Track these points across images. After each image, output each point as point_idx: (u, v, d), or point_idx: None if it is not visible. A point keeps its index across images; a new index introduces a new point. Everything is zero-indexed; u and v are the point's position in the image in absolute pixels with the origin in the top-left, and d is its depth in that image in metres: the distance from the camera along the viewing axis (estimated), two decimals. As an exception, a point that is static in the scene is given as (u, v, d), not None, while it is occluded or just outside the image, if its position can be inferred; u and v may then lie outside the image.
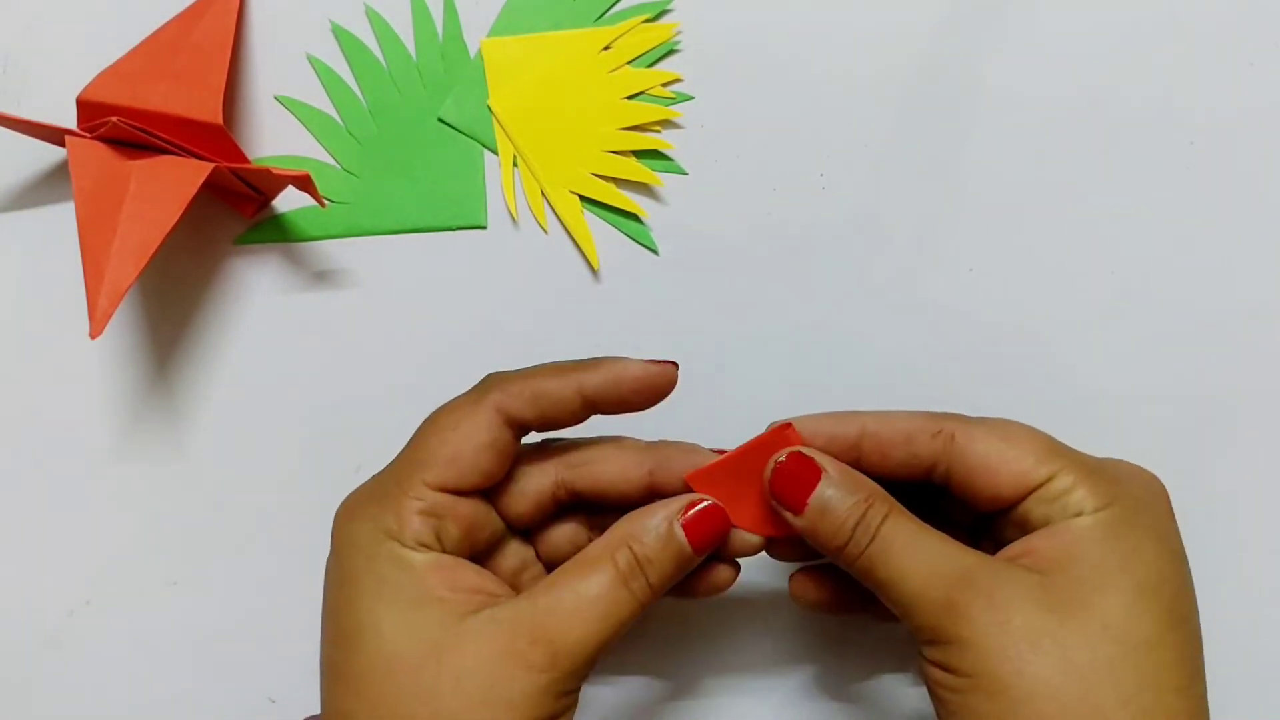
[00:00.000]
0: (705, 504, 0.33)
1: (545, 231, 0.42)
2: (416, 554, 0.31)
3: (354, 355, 0.42)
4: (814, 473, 0.32)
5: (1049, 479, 0.32)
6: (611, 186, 0.42)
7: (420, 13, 0.43)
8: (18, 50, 0.43)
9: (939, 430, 0.32)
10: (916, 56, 0.42)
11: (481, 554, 0.34)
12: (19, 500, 0.42)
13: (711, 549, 0.33)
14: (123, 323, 0.42)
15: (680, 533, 0.32)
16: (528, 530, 0.36)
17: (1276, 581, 0.40)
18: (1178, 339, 0.41)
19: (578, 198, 0.42)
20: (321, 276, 0.42)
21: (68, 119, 0.40)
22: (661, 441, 0.35)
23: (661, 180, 0.42)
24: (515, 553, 0.35)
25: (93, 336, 0.36)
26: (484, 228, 0.42)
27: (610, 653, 0.31)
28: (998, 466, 0.32)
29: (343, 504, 0.33)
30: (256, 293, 0.42)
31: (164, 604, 0.41)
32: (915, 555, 0.31)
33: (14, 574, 0.42)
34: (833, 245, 0.42)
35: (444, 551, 0.32)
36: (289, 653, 0.41)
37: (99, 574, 0.41)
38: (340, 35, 0.43)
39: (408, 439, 0.34)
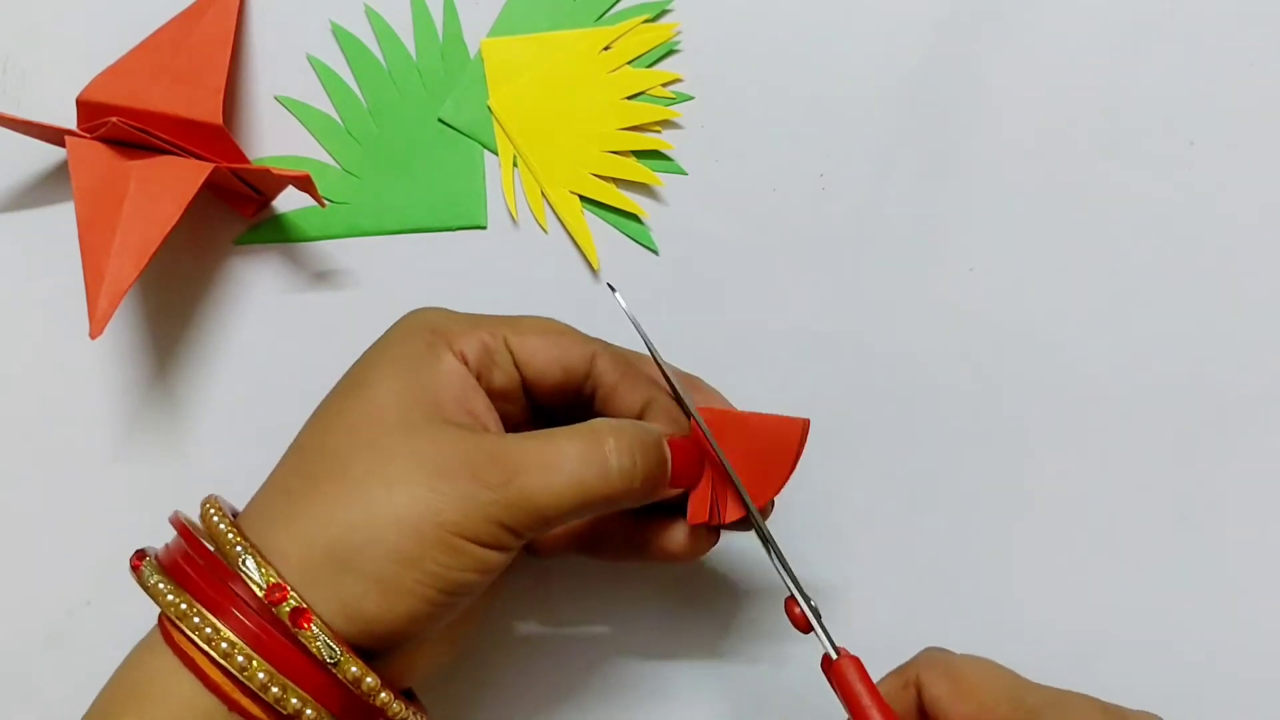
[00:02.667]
0: (692, 444, 0.34)
1: (545, 231, 0.42)
2: (451, 360, 0.33)
3: (354, 355, 0.42)
4: None
5: None
6: (611, 186, 0.42)
7: (420, 13, 0.43)
8: (18, 50, 0.43)
9: (906, 682, 0.33)
10: (917, 56, 0.42)
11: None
12: (19, 500, 0.42)
13: (687, 477, 0.34)
14: (123, 323, 0.42)
15: (665, 446, 0.33)
16: None
17: (1277, 581, 0.40)
18: (1178, 339, 0.41)
19: (578, 198, 0.42)
20: (321, 276, 0.42)
21: (68, 119, 0.40)
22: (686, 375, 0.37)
23: (661, 180, 0.42)
24: None
25: (93, 336, 0.36)
26: (484, 228, 0.42)
27: (562, 524, 0.31)
28: (948, 712, 0.32)
29: (422, 308, 0.35)
30: (256, 293, 0.42)
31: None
32: None
33: (14, 574, 0.42)
34: (833, 245, 0.42)
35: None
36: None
37: (99, 574, 0.41)
38: (340, 35, 0.43)
39: None
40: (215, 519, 0.31)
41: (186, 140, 0.39)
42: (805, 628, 0.33)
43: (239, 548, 0.30)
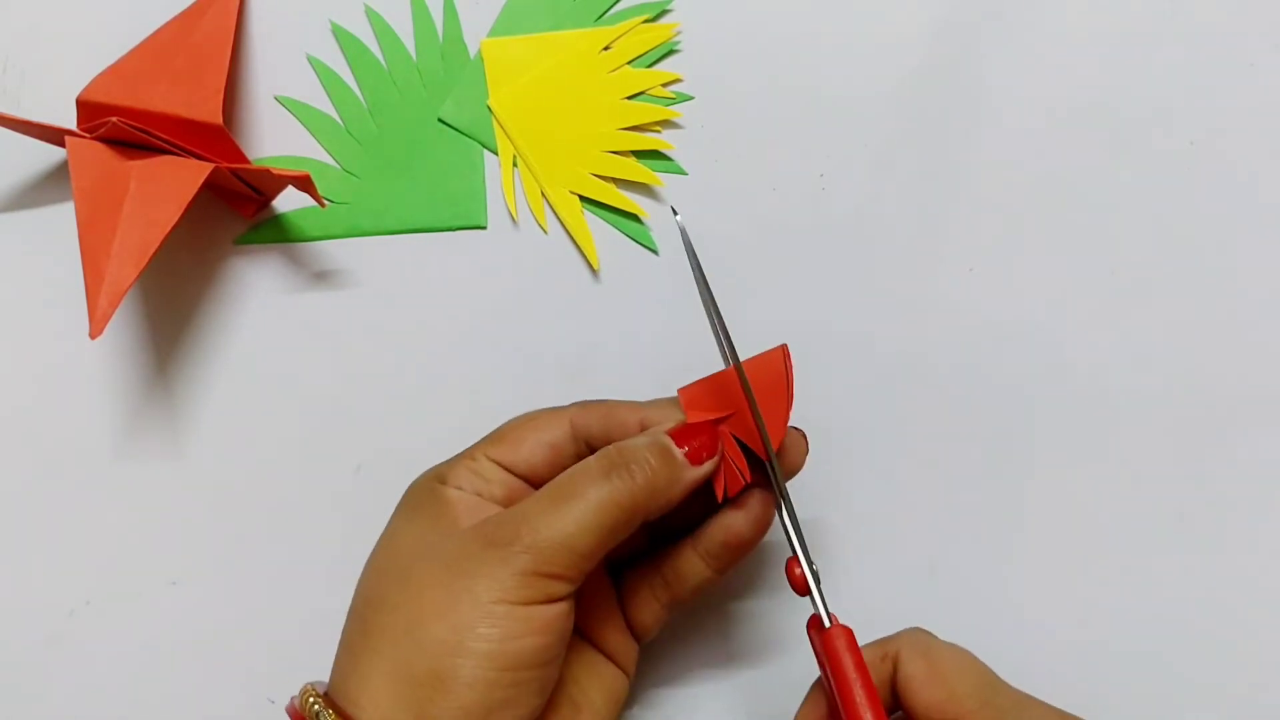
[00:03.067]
0: (692, 421, 0.34)
1: (545, 231, 0.42)
2: (452, 490, 0.34)
3: (354, 355, 0.42)
4: None
5: (962, 717, 0.33)
6: (611, 186, 0.42)
7: (420, 13, 0.43)
8: (18, 50, 0.43)
9: (885, 655, 0.34)
10: (916, 56, 0.42)
11: None
12: (19, 500, 0.42)
13: (705, 456, 0.34)
14: (123, 323, 0.42)
15: (666, 438, 0.33)
16: None
17: (1276, 581, 0.40)
18: (1178, 339, 0.41)
19: (578, 198, 0.42)
20: (321, 276, 0.42)
21: (68, 119, 0.40)
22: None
23: (661, 180, 0.42)
24: None
25: (93, 336, 0.36)
26: (484, 228, 0.42)
27: (603, 549, 0.31)
28: (918, 693, 0.33)
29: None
30: (256, 293, 0.42)
31: (164, 604, 0.41)
32: None
33: (14, 574, 0.42)
34: (833, 245, 0.42)
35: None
36: (289, 653, 0.41)
37: (99, 574, 0.41)
38: (340, 35, 0.43)
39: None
40: (307, 697, 0.32)
41: (186, 140, 0.39)
42: (803, 589, 0.33)
43: (315, 707, 0.31)
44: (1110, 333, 0.41)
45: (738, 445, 0.34)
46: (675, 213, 0.36)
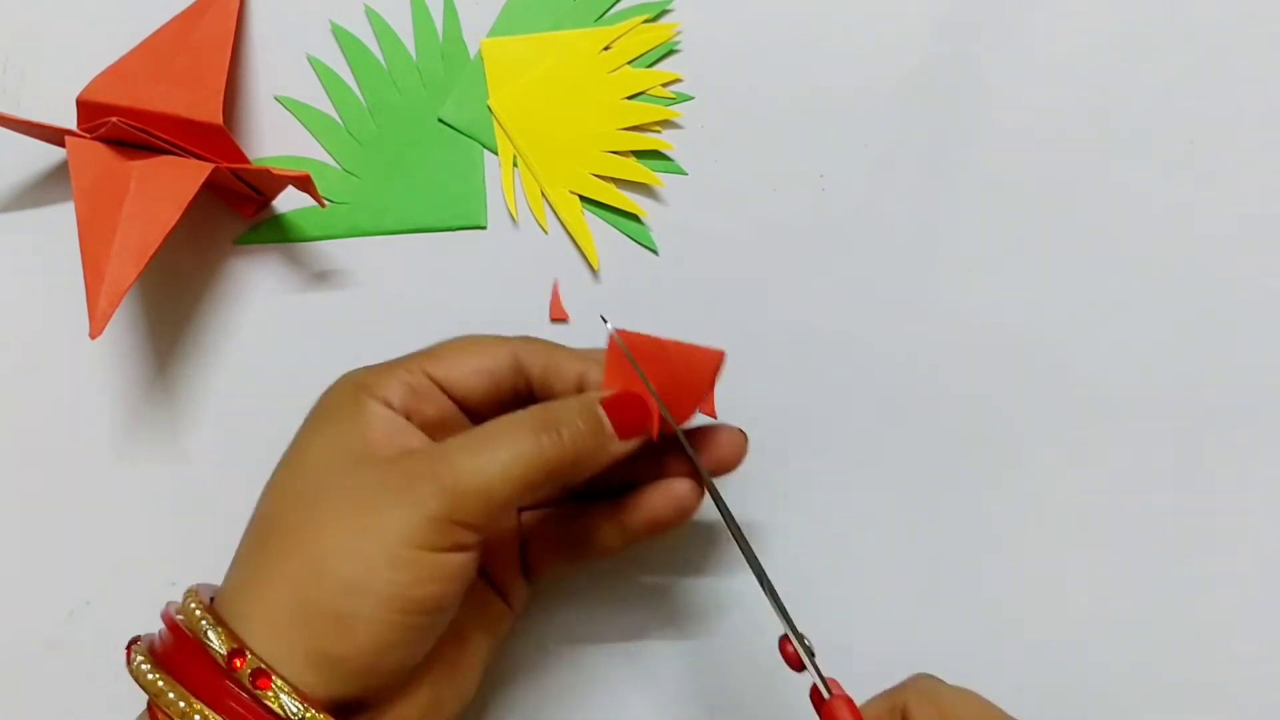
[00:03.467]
0: (634, 394, 0.34)
1: (545, 231, 0.42)
2: (376, 406, 0.33)
3: (354, 355, 0.42)
4: None
5: None
6: (611, 186, 0.42)
7: (420, 13, 0.43)
8: (18, 50, 0.43)
9: (894, 707, 0.33)
10: (917, 56, 0.42)
11: None
12: (19, 500, 0.42)
13: (633, 433, 0.33)
14: (123, 323, 0.42)
15: (599, 407, 0.33)
16: None
17: (1276, 581, 0.40)
18: (1178, 339, 0.41)
19: (578, 198, 0.42)
20: (321, 276, 0.42)
21: (68, 119, 0.40)
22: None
23: (661, 180, 0.42)
24: None
25: (93, 336, 0.36)
26: (484, 228, 0.42)
27: (517, 505, 0.31)
28: None
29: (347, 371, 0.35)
30: (256, 293, 0.42)
31: (164, 604, 0.41)
32: None
33: (14, 574, 0.42)
34: (833, 245, 0.42)
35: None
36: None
37: (99, 574, 0.41)
38: (340, 35, 0.43)
39: None
40: (189, 602, 0.32)
41: (186, 140, 0.39)
42: (799, 667, 0.33)
43: (203, 622, 0.30)
44: (1110, 333, 0.41)
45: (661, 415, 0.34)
46: (605, 320, 0.35)
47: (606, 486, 0.36)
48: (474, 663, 0.35)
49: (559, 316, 0.41)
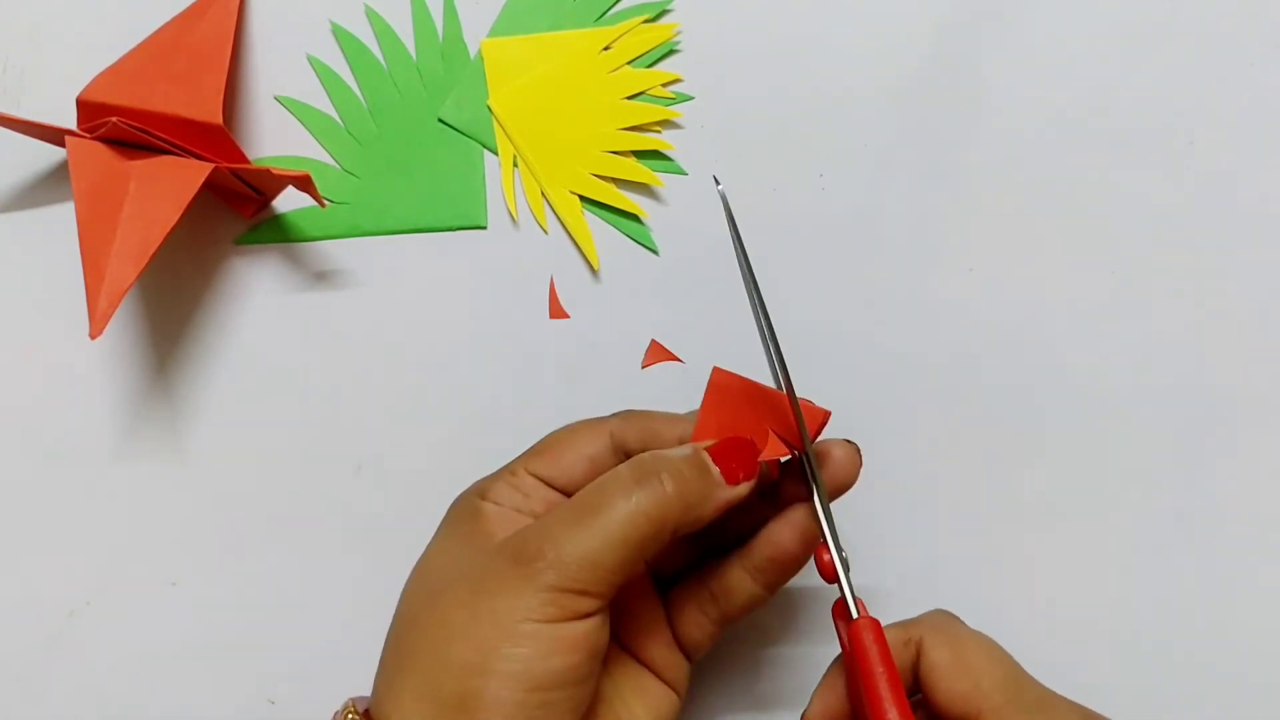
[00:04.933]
0: (739, 438, 0.33)
1: (545, 231, 0.42)
2: (490, 505, 0.34)
3: (354, 355, 0.42)
4: None
5: (980, 714, 0.32)
6: (611, 186, 0.42)
7: (420, 13, 0.43)
8: (18, 50, 0.43)
9: (909, 639, 0.33)
10: (916, 56, 0.42)
11: None
12: (19, 500, 0.42)
13: (742, 477, 0.33)
14: (123, 323, 0.42)
15: (703, 452, 0.32)
16: None
17: (1275, 582, 0.40)
18: (1177, 339, 0.41)
19: (578, 198, 0.42)
20: (321, 276, 0.42)
21: (68, 119, 0.40)
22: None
23: (661, 180, 0.42)
24: None
25: (93, 336, 0.36)
26: (484, 228, 0.42)
27: (636, 567, 0.31)
28: (940, 683, 0.32)
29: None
30: (256, 293, 0.42)
31: (164, 604, 0.41)
32: None
33: (14, 574, 0.42)
34: (833, 245, 0.42)
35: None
36: (289, 653, 0.41)
37: (99, 574, 0.41)
38: (340, 35, 0.43)
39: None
40: (347, 714, 0.32)
41: (186, 140, 0.39)
42: (832, 576, 0.32)
43: None
44: (1110, 332, 0.41)
45: (780, 441, 0.34)
46: (718, 181, 0.36)
47: (739, 538, 0.35)
48: None
49: (558, 314, 0.41)
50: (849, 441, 0.35)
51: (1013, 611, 0.40)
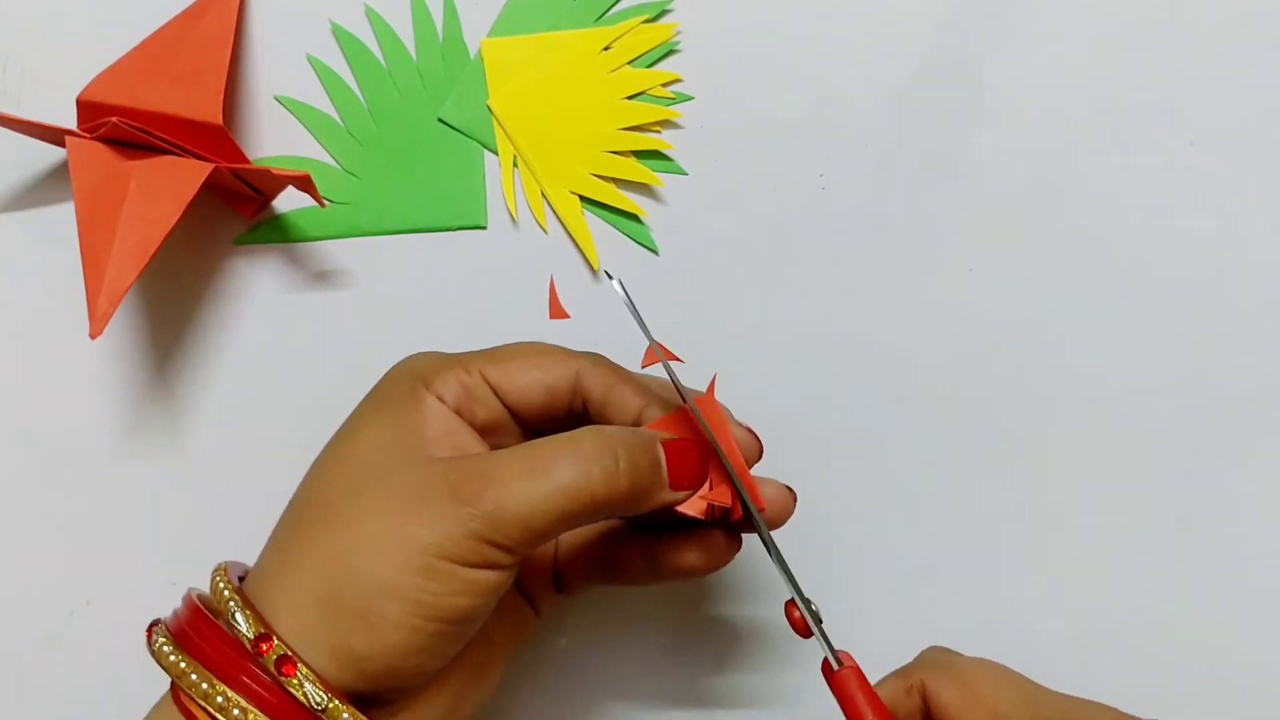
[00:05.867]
0: (692, 444, 0.33)
1: (545, 231, 0.42)
2: (432, 400, 0.33)
3: (354, 355, 0.42)
4: None
5: None
6: (611, 186, 0.42)
7: (420, 13, 0.43)
8: (18, 50, 0.43)
9: (910, 687, 0.32)
10: (917, 56, 0.42)
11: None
12: (19, 500, 0.42)
13: (685, 485, 0.32)
14: (123, 323, 0.42)
15: (658, 446, 0.32)
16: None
17: (1275, 582, 0.40)
18: (1178, 339, 0.41)
19: (578, 198, 0.42)
20: (321, 276, 0.42)
21: (68, 119, 0.40)
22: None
23: (661, 180, 0.42)
24: None
25: (93, 336, 0.36)
26: (484, 228, 0.42)
27: (552, 534, 0.30)
28: (955, 716, 0.31)
29: (407, 356, 0.35)
30: (256, 293, 0.42)
31: (164, 604, 0.41)
32: None
33: (14, 574, 0.42)
34: (833, 245, 0.42)
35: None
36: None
37: (99, 574, 0.41)
38: (340, 35, 0.43)
39: None
40: (217, 580, 0.31)
41: (186, 140, 0.39)
42: (805, 633, 0.32)
43: (231, 604, 0.30)
44: (1110, 332, 0.41)
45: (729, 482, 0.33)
46: (610, 275, 0.36)
47: (649, 518, 0.35)
48: (497, 666, 0.35)
49: (558, 315, 0.41)
50: (787, 487, 0.35)
51: (1012, 613, 0.40)
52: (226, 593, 0.31)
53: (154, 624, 0.32)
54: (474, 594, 0.30)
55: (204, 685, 0.30)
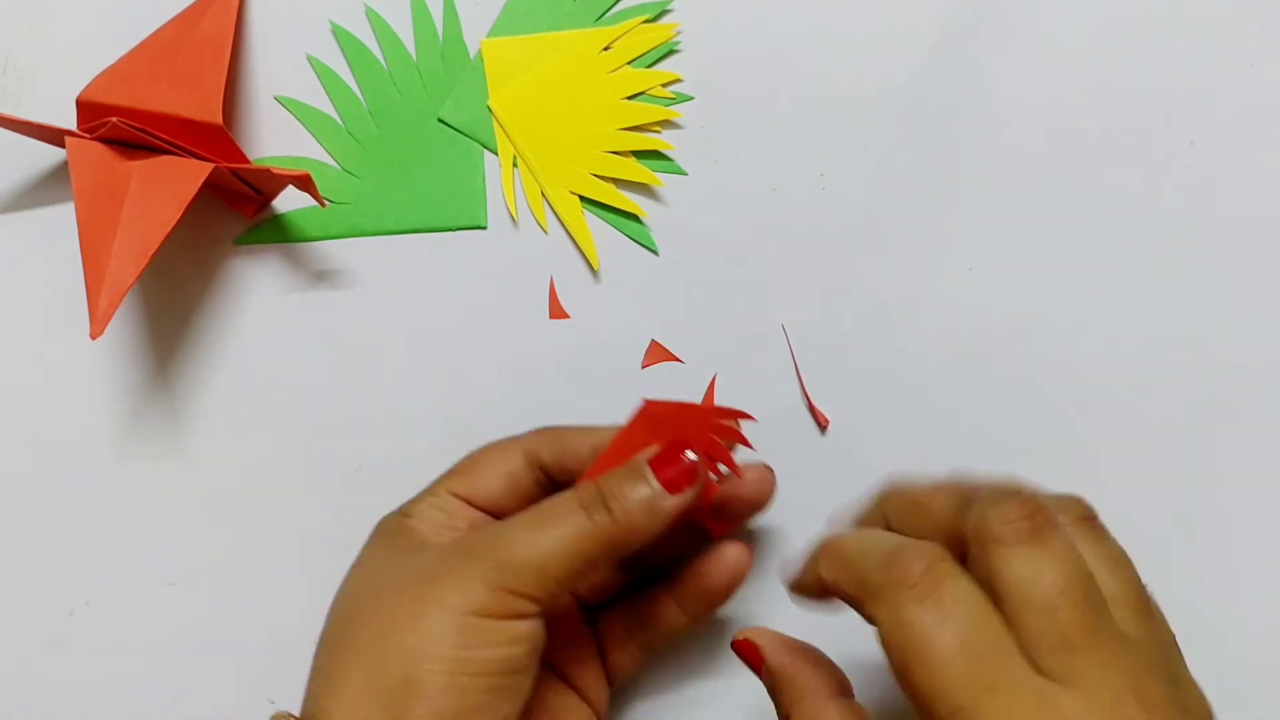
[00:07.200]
0: (673, 449, 0.34)
1: (545, 231, 0.42)
2: (414, 521, 0.35)
3: (354, 355, 0.42)
4: None
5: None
6: (611, 187, 0.42)
7: (420, 13, 0.43)
8: (18, 50, 0.43)
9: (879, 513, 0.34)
10: (917, 56, 0.42)
11: None
12: (19, 500, 0.42)
13: (684, 484, 0.33)
14: (123, 323, 0.42)
15: (647, 469, 0.33)
16: None
17: (1277, 581, 0.40)
18: (1178, 339, 0.41)
19: (578, 198, 0.42)
20: (321, 276, 0.42)
21: (68, 119, 0.40)
22: None
23: (661, 180, 0.42)
24: None
25: (93, 336, 0.36)
26: (484, 228, 0.42)
27: (579, 582, 0.32)
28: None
29: None
30: (256, 293, 0.42)
31: (164, 604, 0.41)
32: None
33: (14, 574, 0.42)
34: (833, 245, 0.42)
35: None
36: (289, 653, 0.41)
37: (99, 574, 0.41)
38: (340, 35, 0.43)
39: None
40: None
41: (186, 140, 0.39)
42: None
43: None
44: (1110, 332, 0.41)
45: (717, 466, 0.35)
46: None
47: (666, 567, 0.37)
48: None
49: (558, 315, 0.41)
50: (765, 466, 0.37)
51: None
52: None
53: None
54: (509, 643, 0.31)
55: None
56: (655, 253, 0.42)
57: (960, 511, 0.30)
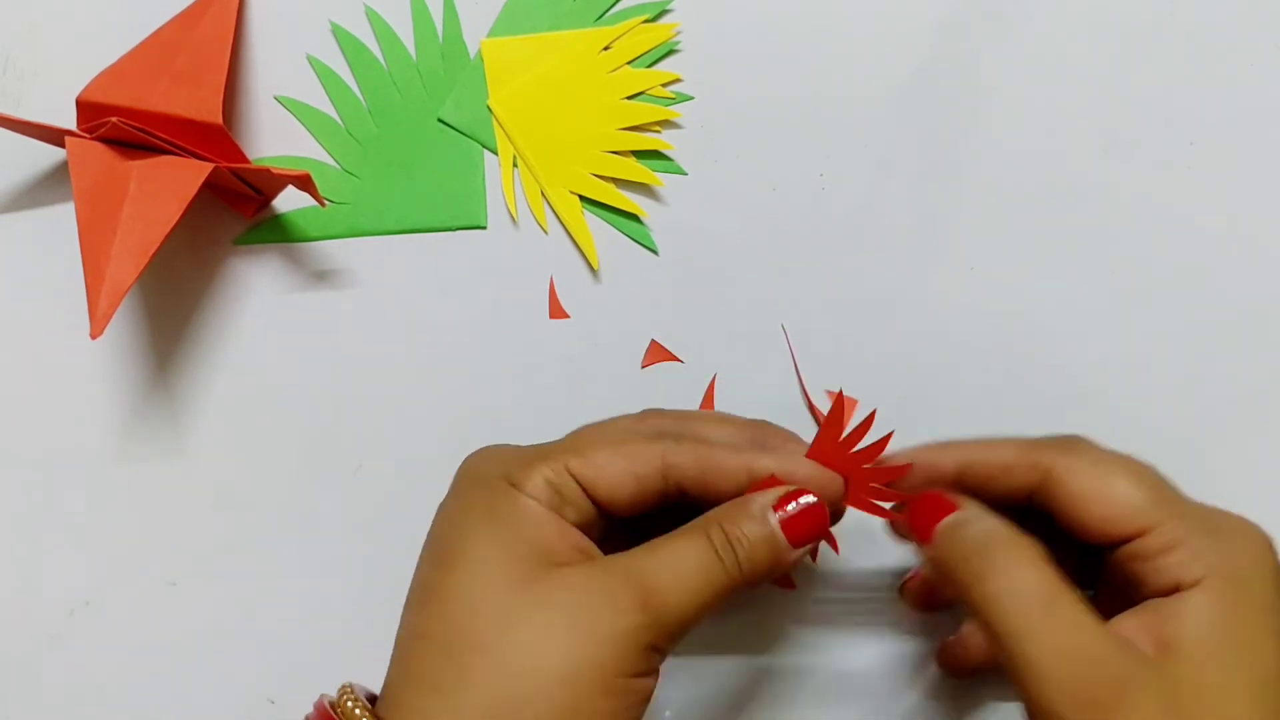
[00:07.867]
0: (806, 501, 0.32)
1: (545, 231, 0.42)
2: (530, 503, 0.32)
3: (354, 355, 0.42)
4: (947, 506, 0.32)
5: (1143, 532, 0.31)
6: (611, 186, 0.42)
7: (420, 13, 0.43)
8: (18, 50, 0.43)
9: (1036, 463, 0.32)
10: (916, 56, 0.42)
11: None
12: (19, 500, 0.42)
13: (809, 543, 0.32)
14: (123, 323, 0.42)
15: (774, 522, 0.31)
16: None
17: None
18: (1177, 339, 0.41)
19: (578, 198, 0.42)
20: (321, 276, 0.42)
21: (68, 119, 0.40)
22: (757, 422, 0.35)
23: (661, 180, 0.42)
24: None
25: (93, 336, 0.36)
26: (484, 228, 0.42)
27: (696, 626, 0.30)
28: (1090, 509, 0.31)
29: (474, 453, 0.34)
30: (256, 293, 0.42)
31: (164, 604, 0.41)
32: (1046, 618, 0.29)
33: (14, 574, 0.42)
34: (833, 245, 0.42)
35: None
36: (289, 653, 0.41)
37: (99, 574, 0.41)
38: (340, 35, 0.43)
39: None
40: (345, 700, 0.30)
41: (186, 140, 0.39)
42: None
43: (358, 712, 0.30)
44: (1110, 332, 0.41)
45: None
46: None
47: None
48: None
49: (558, 315, 0.41)
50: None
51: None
52: (356, 710, 0.30)
53: None
54: (643, 701, 0.30)
55: None
56: (655, 252, 0.42)
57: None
